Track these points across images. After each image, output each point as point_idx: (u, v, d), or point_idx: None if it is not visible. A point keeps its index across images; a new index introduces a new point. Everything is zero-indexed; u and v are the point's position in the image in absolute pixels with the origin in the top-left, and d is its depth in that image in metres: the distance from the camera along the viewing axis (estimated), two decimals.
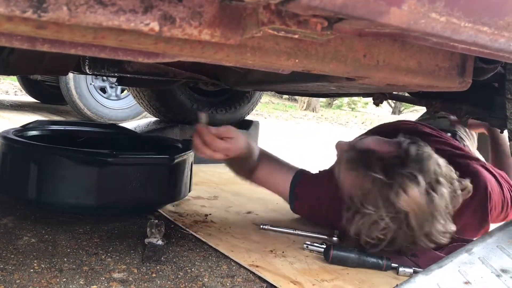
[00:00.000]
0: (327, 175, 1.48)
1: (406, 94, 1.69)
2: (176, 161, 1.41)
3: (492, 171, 1.37)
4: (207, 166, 2.27)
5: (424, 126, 1.65)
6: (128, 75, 1.51)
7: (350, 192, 1.21)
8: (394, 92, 1.52)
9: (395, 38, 0.56)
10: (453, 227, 1.16)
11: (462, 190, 1.18)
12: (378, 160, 1.15)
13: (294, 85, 1.22)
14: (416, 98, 1.56)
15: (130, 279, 1.00)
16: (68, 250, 1.12)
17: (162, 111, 2.64)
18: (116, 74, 1.52)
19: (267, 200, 1.76)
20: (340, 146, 1.32)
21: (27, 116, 4.02)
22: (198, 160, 2.01)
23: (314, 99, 12.11)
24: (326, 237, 1.41)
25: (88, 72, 1.43)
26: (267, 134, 3.62)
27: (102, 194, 1.31)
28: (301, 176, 1.47)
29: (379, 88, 1.13)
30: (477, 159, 1.44)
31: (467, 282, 0.93)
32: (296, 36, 0.50)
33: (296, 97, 11.21)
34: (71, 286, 0.94)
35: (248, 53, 0.55)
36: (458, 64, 0.77)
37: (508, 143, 1.17)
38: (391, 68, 0.67)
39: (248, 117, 2.94)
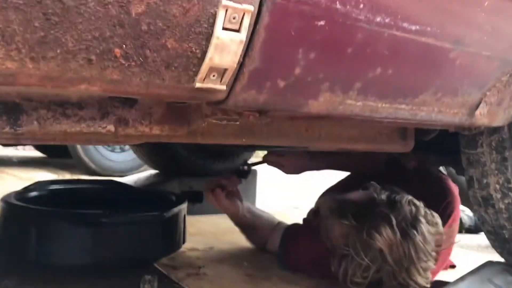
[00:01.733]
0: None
1: None
2: (167, 216, 1.48)
3: None
4: (205, 216, 2.32)
5: None
6: None
7: (333, 239, 1.28)
8: None
9: (323, 118, 0.66)
10: (433, 266, 1.21)
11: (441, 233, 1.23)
12: (351, 207, 1.24)
13: None
14: None
15: None
16: None
17: (161, 164, 2.71)
18: None
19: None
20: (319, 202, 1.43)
21: (33, 173, 4.13)
22: (194, 211, 2.08)
23: None
24: None
25: None
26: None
27: (97, 254, 1.38)
28: (288, 230, 1.52)
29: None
30: None
31: None
32: (238, 123, 0.60)
33: None
34: None
35: (198, 137, 0.65)
36: (399, 129, 0.85)
37: None
38: (333, 138, 0.76)
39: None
